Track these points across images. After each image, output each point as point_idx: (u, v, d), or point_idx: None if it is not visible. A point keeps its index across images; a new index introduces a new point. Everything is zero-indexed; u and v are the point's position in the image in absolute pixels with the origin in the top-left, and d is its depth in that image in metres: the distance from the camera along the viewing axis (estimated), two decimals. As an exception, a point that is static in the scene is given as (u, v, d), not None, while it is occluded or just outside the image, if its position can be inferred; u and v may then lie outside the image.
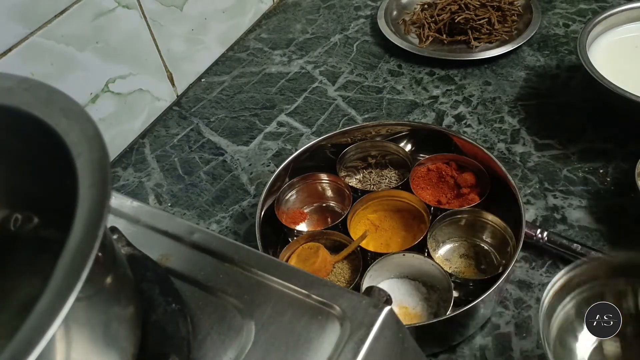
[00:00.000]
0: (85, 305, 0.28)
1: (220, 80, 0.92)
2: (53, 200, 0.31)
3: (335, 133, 0.70)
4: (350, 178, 0.71)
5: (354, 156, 0.71)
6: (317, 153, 0.70)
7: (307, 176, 0.68)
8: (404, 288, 0.59)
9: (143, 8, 0.78)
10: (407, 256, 0.58)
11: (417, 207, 0.64)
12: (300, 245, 0.62)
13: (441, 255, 0.62)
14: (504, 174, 0.62)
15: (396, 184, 0.68)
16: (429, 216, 0.62)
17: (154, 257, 0.40)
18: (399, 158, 0.70)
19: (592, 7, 0.95)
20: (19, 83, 0.33)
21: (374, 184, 0.70)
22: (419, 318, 0.57)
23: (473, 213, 0.62)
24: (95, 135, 0.29)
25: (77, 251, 0.25)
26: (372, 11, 1.02)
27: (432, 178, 0.67)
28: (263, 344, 0.35)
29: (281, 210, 0.66)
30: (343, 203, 0.68)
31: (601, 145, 0.73)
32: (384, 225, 0.65)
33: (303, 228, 0.67)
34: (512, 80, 0.84)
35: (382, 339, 0.34)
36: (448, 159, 0.68)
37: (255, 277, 0.39)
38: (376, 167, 0.71)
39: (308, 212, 0.69)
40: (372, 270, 0.58)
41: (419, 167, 0.67)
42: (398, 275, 0.60)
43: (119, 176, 0.78)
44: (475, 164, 0.66)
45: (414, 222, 0.64)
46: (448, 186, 0.66)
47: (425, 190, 0.67)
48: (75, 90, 0.71)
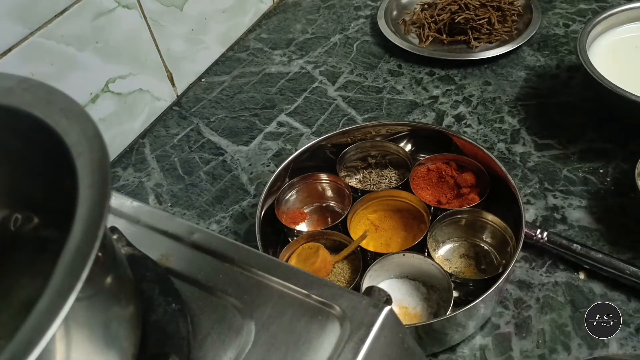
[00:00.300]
0: (85, 305, 0.28)
1: (220, 80, 0.92)
2: (53, 200, 0.31)
3: (335, 133, 0.70)
4: (350, 178, 0.71)
5: (354, 156, 0.71)
6: (317, 153, 0.70)
7: (307, 176, 0.68)
8: (404, 288, 0.59)
9: (143, 8, 0.78)
10: (407, 256, 0.58)
11: (417, 207, 0.64)
12: (300, 245, 0.62)
13: (441, 255, 0.62)
14: (504, 174, 0.62)
15: (396, 184, 0.68)
16: (429, 216, 0.62)
17: (154, 257, 0.40)
18: (399, 158, 0.70)
19: (592, 7, 0.95)
20: (19, 83, 0.33)
21: (374, 184, 0.70)
22: (419, 318, 0.57)
23: (473, 213, 0.62)
24: (95, 135, 0.29)
25: (77, 251, 0.25)
26: (372, 11, 1.02)
27: (432, 178, 0.67)
28: (263, 344, 0.35)
29: (281, 210, 0.66)
30: (343, 203, 0.68)
31: (601, 145, 0.73)
32: (384, 225, 0.65)
33: (303, 228, 0.67)
34: (512, 80, 0.84)
35: (382, 339, 0.34)
36: (448, 159, 0.68)
37: (255, 277, 0.39)
38: (376, 167, 0.71)
39: (308, 212, 0.69)
40: (372, 270, 0.58)
41: (419, 167, 0.67)
42: (398, 275, 0.60)
43: (119, 176, 0.78)
44: (475, 164, 0.66)
45: (414, 222, 0.64)
46: (448, 186, 0.66)
47: (425, 190, 0.67)
48: (75, 90, 0.71)
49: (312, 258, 0.60)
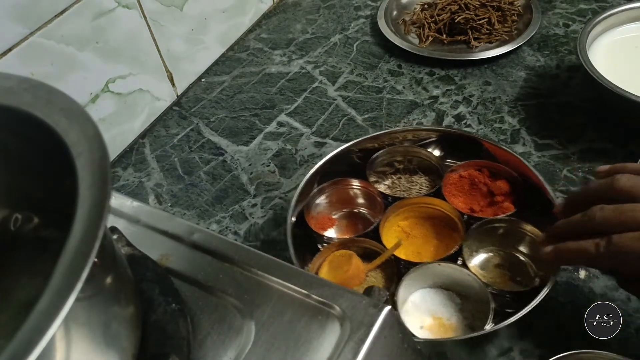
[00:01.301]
0: (85, 305, 0.28)
1: (220, 80, 0.92)
2: (53, 200, 0.31)
3: (365, 138, 0.68)
4: (378, 184, 0.69)
5: (384, 161, 0.69)
6: (343, 158, 0.68)
7: (338, 181, 0.66)
8: (437, 298, 0.58)
9: (143, 8, 0.78)
10: (442, 266, 0.57)
11: (451, 214, 0.62)
12: (332, 252, 0.60)
13: (475, 264, 0.60)
14: (539, 182, 0.60)
15: (427, 190, 0.66)
16: (463, 224, 0.60)
17: (154, 257, 0.40)
18: (428, 164, 0.68)
19: (592, 7, 0.95)
20: (19, 83, 0.33)
21: (403, 190, 0.68)
22: (453, 329, 0.55)
23: (512, 222, 0.60)
24: (95, 135, 0.29)
25: (77, 251, 0.25)
26: (372, 11, 1.02)
27: (464, 185, 0.65)
28: (263, 344, 0.35)
29: (311, 215, 0.64)
30: (374, 210, 0.66)
31: (601, 145, 0.73)
32: (415, 232, 0.63)
33: (331, 234, 0.65)
34: (512, 80, 0.84)
35: (382, 339, 0.34)
36: (480, 166, 0.66)
37: (255, 277, 0.39)
38: (404, 173, 0.70)
39: (336, 218, 0.67)
40: (407, 280, 0.56)
41: (451, 173, 0.65)
42: (431, 285, 0.58)
43: (119, 176, 0.78)
44: (509, 171, 0.64)
45: (447, 230, 0.62)
46: (481, 194, 0.64)
47: (457, 198, 0.65)
48: (75, 90, 0.71)
49: (344, 266, 0.58)
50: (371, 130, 0.80)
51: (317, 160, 0.67)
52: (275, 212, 0.71)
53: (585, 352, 0.49)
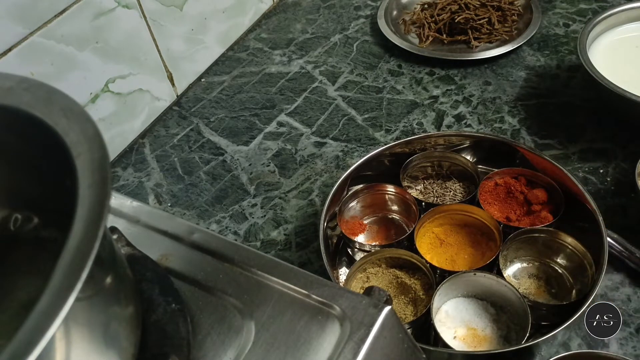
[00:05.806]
0: (85, 305, 0.28)
1: (220, 80, 0.92)
2: (53, 200, 0.31)
3: (398, 143, 0.67)
4: (411, 189, 0.68)
5: (417, 166, 0.68)
6: (373, 162, 0.67)
7: (371, 186, 0.65)
8: (471, 308, 0.56)
9: (143, 8, 0.78)
10: (477, 275, 0.56)
11: (487, 223, 0.61)
12: (367, 260, 0.59)
13: (510, 274, 0.59)
14: (579, 191, 0.59)
15: (462, 197, 0.65)
16: (500, 233, 0.59)
17: (154, 257, 0.40)
18: (462, 170, 0.67)
19: (592, 7, 0.95)
20: (19, 83, 0.33)
21: (437, 196, 0.67)
22: (488, 341, 0.54)
23: (551, 234, 0.58)
24: (95, 135, 0.29)
25: (77, 251, 0.25)
26: (372, 11, 1.02)
27: (499, 193, 0.64)
28: (263, 344, 0.35)
29: (343, 219, 0.64)
30: (407, 217, 0.65)
31: (601, 145, 0.73)
32: (449, 240, 0.62)
33: (361, 239, 0.64)
34: (512, 80, 0.84)
35: (382, 339, 0.34)
36: (517, 174, 0.64)
37: (255, 277, 0.39)
38: (437, 178, 0.69)
39: (367, 224, 0.66)
40: (442, 289, 0.55)
41: (487, 181, 0.64)
42: (465, 294, 0.57)
43: (119, 176, 0.78)
44: (547, 179, 0.63)
45: (482, 238, 0.61)
46: (517, 202, 0.63)
47: (492, 206, 0.64)
48: (75, 90, 0.71)
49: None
50: (371, 130, 0.80)
51: (346, 164, 0.66)
52: (275, 212, 0.71)
53: (585, 352, 0.49)
